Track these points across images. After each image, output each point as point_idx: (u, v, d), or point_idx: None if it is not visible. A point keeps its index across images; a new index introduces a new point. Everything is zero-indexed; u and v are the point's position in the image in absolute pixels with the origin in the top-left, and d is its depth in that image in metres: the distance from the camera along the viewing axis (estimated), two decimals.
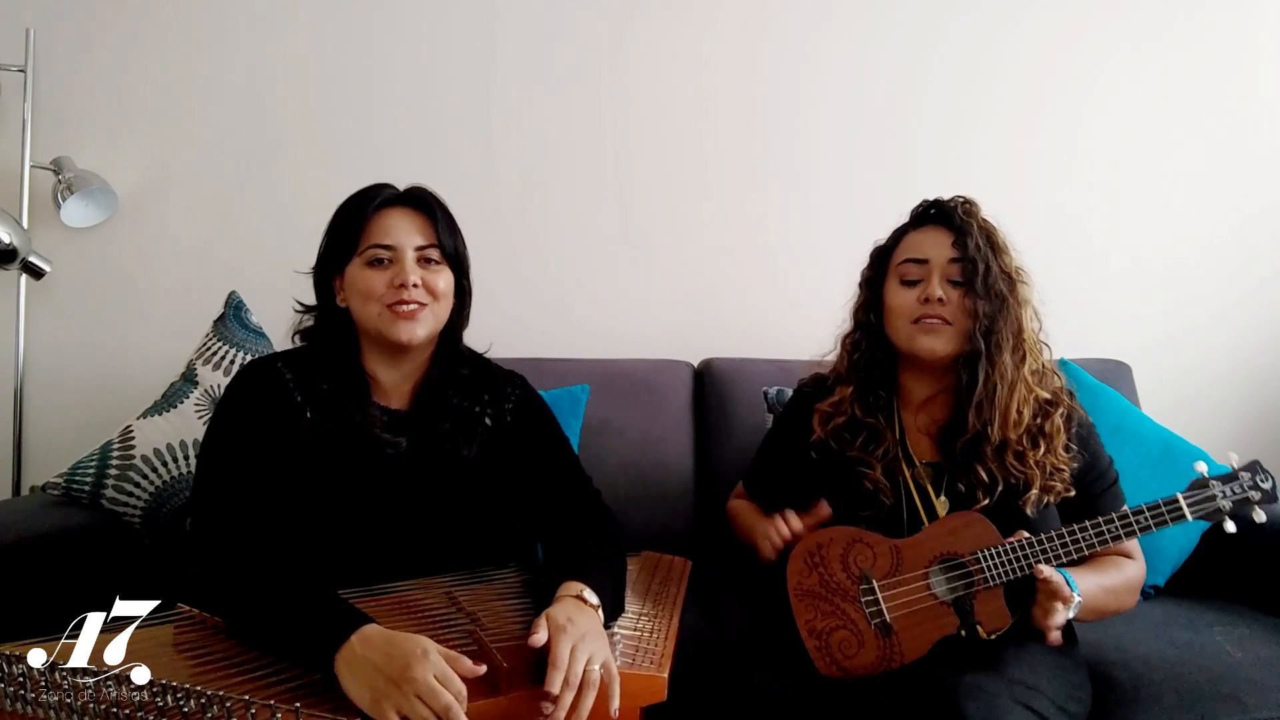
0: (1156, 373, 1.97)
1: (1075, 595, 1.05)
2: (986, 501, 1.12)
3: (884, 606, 1.07)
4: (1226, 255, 2.06)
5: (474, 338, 1.28)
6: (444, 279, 1.14)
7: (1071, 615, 1.06)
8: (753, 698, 1.03)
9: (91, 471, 1.51)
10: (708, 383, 1.81)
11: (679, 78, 2.01)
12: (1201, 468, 1.07)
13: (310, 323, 1.20)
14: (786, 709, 1.02)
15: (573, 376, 1.73)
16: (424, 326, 1.12)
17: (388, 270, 1.10)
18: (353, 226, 1.12)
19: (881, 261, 1.25)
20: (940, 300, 1.14)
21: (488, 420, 1.19)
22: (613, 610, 1.04)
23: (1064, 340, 1.38)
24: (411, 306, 1.10)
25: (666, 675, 0.95)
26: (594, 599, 0.99)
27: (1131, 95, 2.05)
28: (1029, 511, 1.12)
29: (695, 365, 1.88)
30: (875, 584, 1.08)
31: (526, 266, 1.99)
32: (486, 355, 1.27)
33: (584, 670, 0.88)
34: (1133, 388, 1.83)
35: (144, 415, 1.58)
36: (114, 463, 1.52)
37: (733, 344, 1.93)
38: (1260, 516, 1.06)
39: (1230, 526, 1.06)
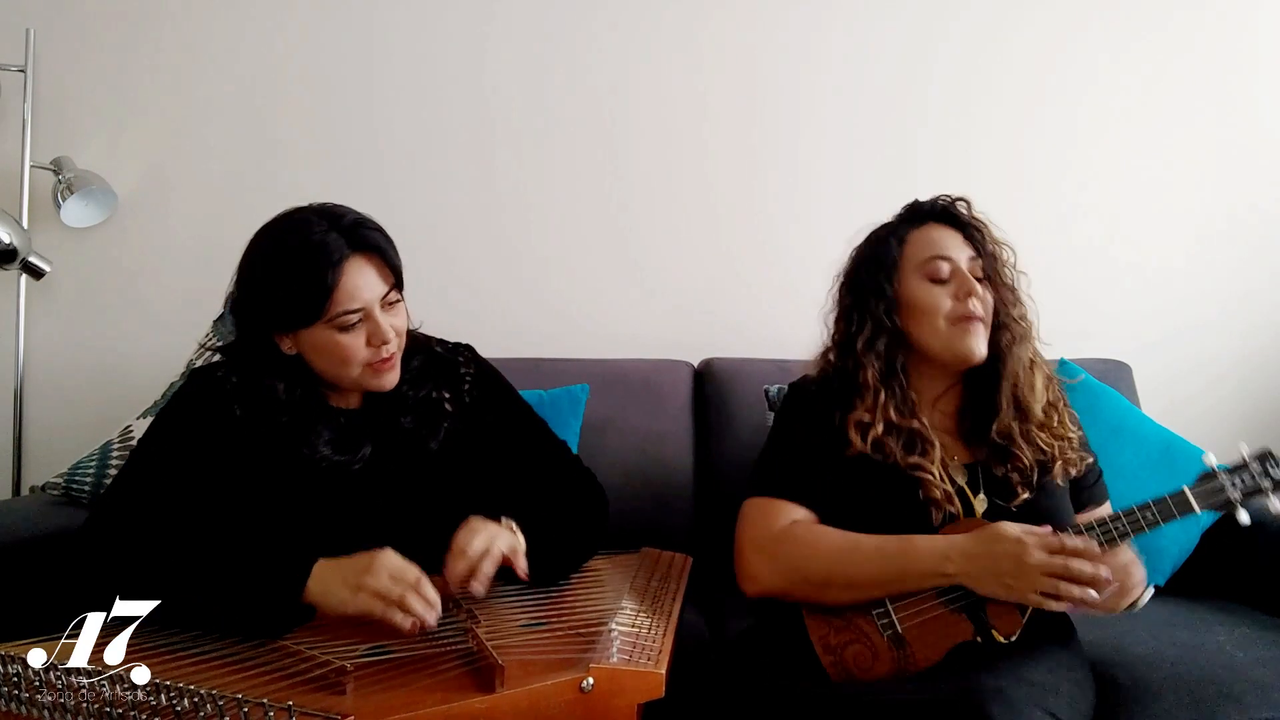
0: (1156, 373, 1.96)
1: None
2: (1026, 495, 1.09)
3: (895, 618, 1.05)
4: (1227, 255, 2.06)
5: (475, 337, 1.27)
6: (402, 315, 1.10)
7: (1147, 599, 1.08)
8: (764, 698, 1.03)
9: (91, 471, 1.51)
10: (708, 382, 1.80)
11: (679, 76, 2.01)
12: (1210, 459, 1.02)
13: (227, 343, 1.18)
14: (800, 709, 1.01)
15: (573, 376, 1.73)
16: (398, 370, 1.10)
17: (361, 330, 1.05)
18: (314, 291, 1.02)
19: (891, 262, 1.18)
20: (980, 296, 1.13)
21: (448, 406, 1.16)
22: (548, 561, 1.09)
23: (1064, 340, 1.37)
24: (390, 358, 1.07)
25: (664, 671, 0.94)
26: (515, 527, 1.05)
27: (1131, 94, 2.05)
28: (1059, 482, 1.12)
29: (695, 365, 1.87)
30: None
31: (526, 266, 1.99)
32: (421, 331, 1.19)
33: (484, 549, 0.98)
34: (1133, 388, 1.83)
35: (144, 415, 1.58)
36: (114, 463, 1.52)
37: (733, 344, 1.93)
38: (1276, 506, 1.00)
39: (1244, 517, 1.00)
